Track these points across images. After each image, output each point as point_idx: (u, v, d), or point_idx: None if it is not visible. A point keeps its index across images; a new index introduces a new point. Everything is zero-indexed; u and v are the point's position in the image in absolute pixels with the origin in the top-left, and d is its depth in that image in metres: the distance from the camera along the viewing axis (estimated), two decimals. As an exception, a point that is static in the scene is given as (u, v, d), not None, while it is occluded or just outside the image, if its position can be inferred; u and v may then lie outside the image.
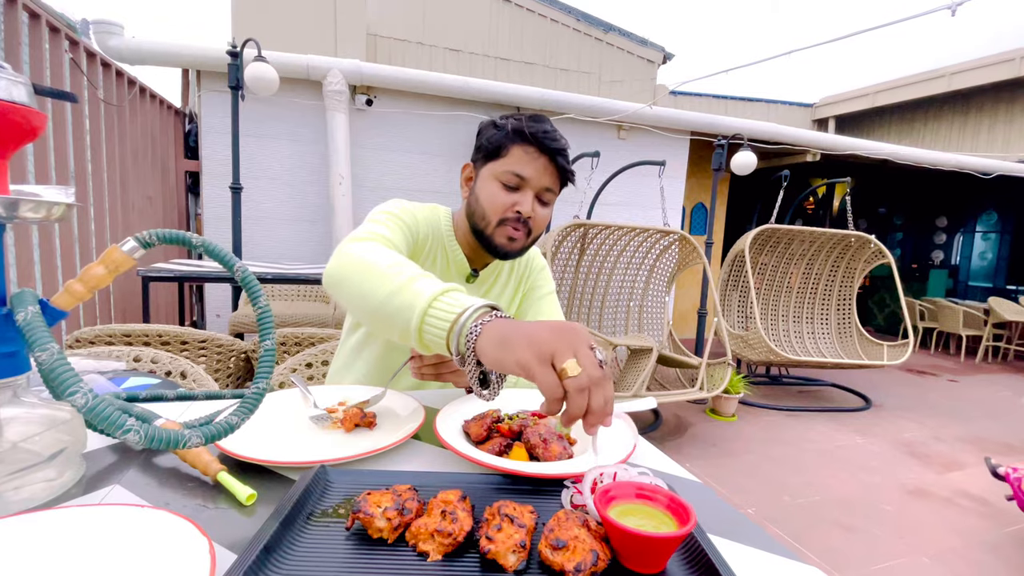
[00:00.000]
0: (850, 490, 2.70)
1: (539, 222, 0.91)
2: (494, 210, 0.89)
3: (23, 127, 0.44)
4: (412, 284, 0.59)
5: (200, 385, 1.31)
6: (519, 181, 0.88)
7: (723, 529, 0.48)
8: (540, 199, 0.90)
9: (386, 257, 0.66)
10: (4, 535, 0.39)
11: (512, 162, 0.88)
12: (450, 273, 0.99)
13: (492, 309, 0.54)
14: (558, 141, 0.88)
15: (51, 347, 0.41)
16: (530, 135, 0.86)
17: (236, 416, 0.49)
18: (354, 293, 0.64)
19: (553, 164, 0.88)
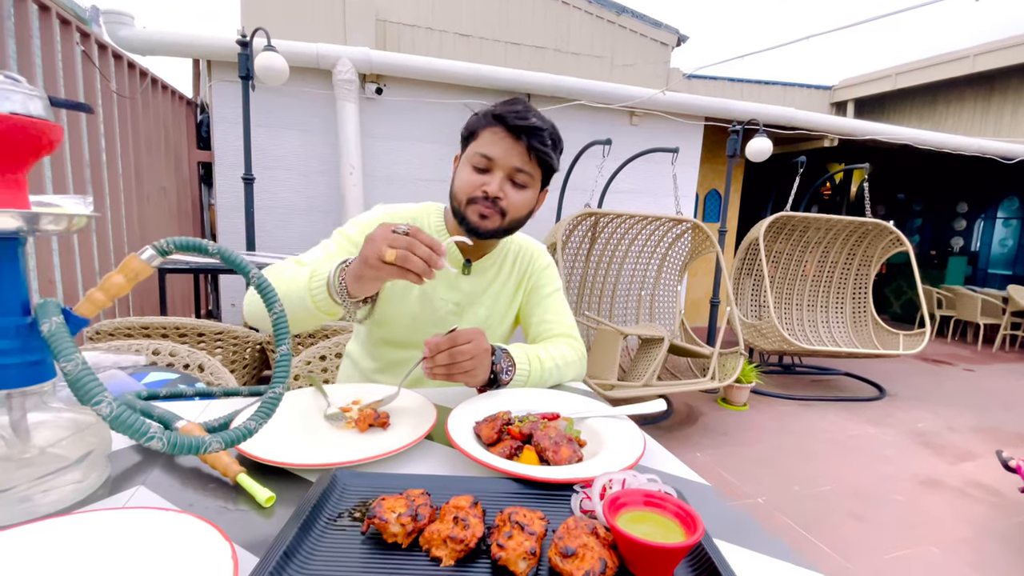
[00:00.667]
0: (861, 480, 2.70)
1: (514, 204, 0.90)
2: (463, 190, 0.90)
3: (41, 141, 0.44)
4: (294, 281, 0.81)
5: (217, 378, 1.34)
6: (487, 162, 0.88)
7: (730, 533, 0.48)
8: (514, 181, 0.90)
9: (281, 272, 0.87)
10: (34, 539, 0.40)
11: (481, 144, 0.89)
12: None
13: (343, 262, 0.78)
14: (527, 120, 0.87)
15: (76, 357, 0.42)
16: (496, 116, 0.87)
17: (254, 421, 0.50)
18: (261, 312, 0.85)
19: (521, 144, 0.87)
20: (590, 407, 0.72)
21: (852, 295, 4.76)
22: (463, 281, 1.00)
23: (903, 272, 7.69)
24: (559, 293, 1.08)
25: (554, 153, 0.91)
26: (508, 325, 1.08)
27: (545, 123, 0.89)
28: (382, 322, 1.00)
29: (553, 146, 0.91)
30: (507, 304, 1.06)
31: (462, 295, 1.01)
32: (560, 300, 1.07)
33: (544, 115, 0.92)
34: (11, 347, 0.45)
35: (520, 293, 1.08)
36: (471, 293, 1.01)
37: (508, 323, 1.08)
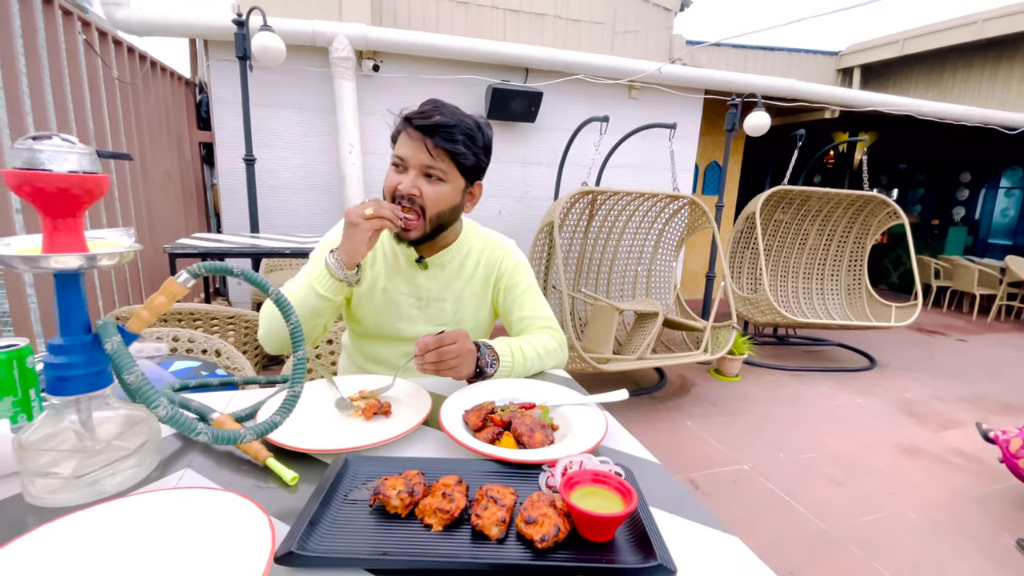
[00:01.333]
0: (844, 447, 2.83)
1: (430, 198, 0.96)
2: (385, 192, 1.00)
3: (94, 192, 0.53)
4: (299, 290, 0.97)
5: (233, 362, 1.46)
6: (401, 162, 0.96)
7: (669, 504, 0.59)
8: (427, 175, 0.96)
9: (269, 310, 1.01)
10: (107, 518, 0.51)
11: (397, 146, 0.97)
12: (399, 264, 1.09)
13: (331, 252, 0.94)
14: (430, 119, 0.93)
15: (135, 371, 0.52)
16: (406, 118, 0.95)
17: (279, 415, 0.61)
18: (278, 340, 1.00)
19: (427, 141, 0.93)
20: (564, 396, 0.83)
21: (848, 266, 4.83)
22: (421, 276, 1.09)
23: (903, 242, 7.71)
24: (533, 287, 1.15)
25: (468, 148, 0.95)
26: (483, 320, 1.16)
27: (454, 119, 0.94)
28: (356, 319, 1.11)
29: (467, 141, 0.95)
30: (475, 302, 1.13)
31: (421, 290, 1.09)
32: (535, 294, 1.15)
33: (460, 112, 0.98)
34: (78, 361, 0.56)
35: (490, 291, 1.14)
36: (431, 289, 1.09)
37: (482, 318, 1.15)
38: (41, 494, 0.55)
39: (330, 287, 0.94)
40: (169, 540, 0.49)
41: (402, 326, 1.09)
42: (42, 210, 0.52)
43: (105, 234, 0.60)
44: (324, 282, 0.94)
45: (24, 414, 0.64)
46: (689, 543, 0.53)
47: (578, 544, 0.50)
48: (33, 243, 0.54)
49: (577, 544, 0.50)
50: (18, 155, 0.50)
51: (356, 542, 0.49)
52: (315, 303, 0.96)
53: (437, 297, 1.10)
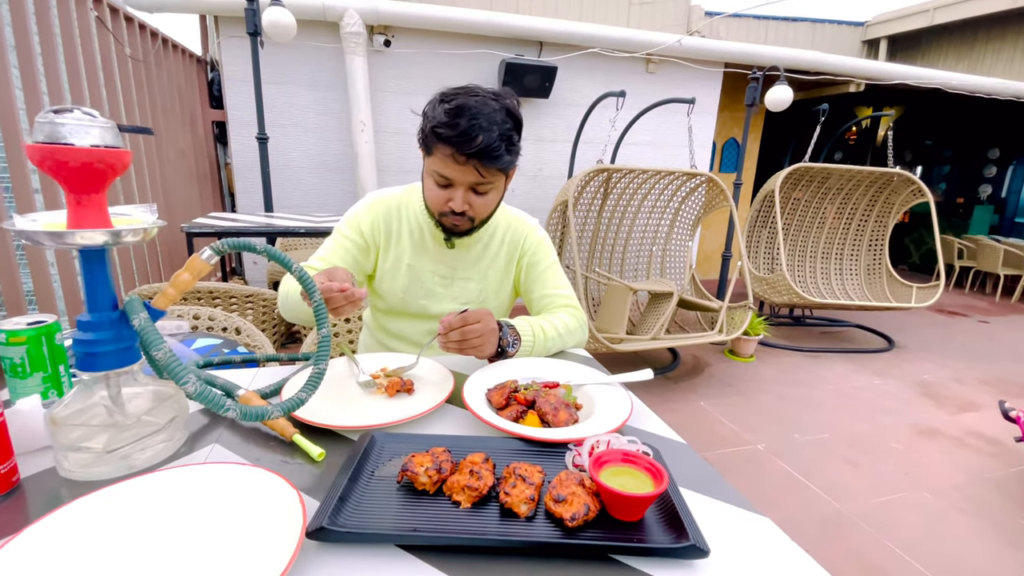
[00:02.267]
0: (860, 429, 2.81)
1: (480, 209, 0.95)
2: (433, 206, 0.97)
3: (116, 167, 0.53)
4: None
5: (253, 340, 1.47)
6: (446, 180, 0.92)
7: (698, 484, 0.58)
8: (475, 190, 0.93)
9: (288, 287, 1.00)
10: (138, 491, 0.52)
11: (437, 163, 0.91)
12: (425, 242, 1.07)
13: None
14: (474, 141, 0.84)
15: (164, 347, 0.52)
16: (445, 139, 0.85)
17: (304, 392, 0.61)
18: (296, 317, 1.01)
19: (472, 163, 0.87)
20: (587, 375, 0.82)
21: (869, 245, 4.72)
22: (448, 255, 1.08)
23: (925, 222, 7.51)
24: (556, 265, 1.14)
25: (510, 153, 0.90)
26: (505, 298, 1.15)
27: (495, 131, 0.85)
28: (379, 295, 1.10)
29: (508, 147, 0.89)
30: (499, 279, 1.12)
31: (448, 268, 1.08)
32: (557, 271, 1.13)
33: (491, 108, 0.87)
34: (106, 337, 0.56)
35: (513, 268, 1.13)
36: (457, 267, 1.09)
37: (504, 296, 1.15)
38: (74, 468, 0.56)
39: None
40: (201, 514, 0.50)
41: (427, 303, 1.08)
42: (65, 185, 0.51)
43: (129, 210, 0.60)
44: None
45: (55, 390, 0.65)
46: (719, 523, 0.52)
47: (608, 523, 0.50)
48: (58, 219, 0.54)
49: (607, 523, 0.50)
50: (40, 129, 0.49)
51: (386, 518, 0.49)
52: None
53: (463, 275, 1.09)
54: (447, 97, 0.89)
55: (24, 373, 0.62)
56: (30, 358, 0.62)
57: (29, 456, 0.59)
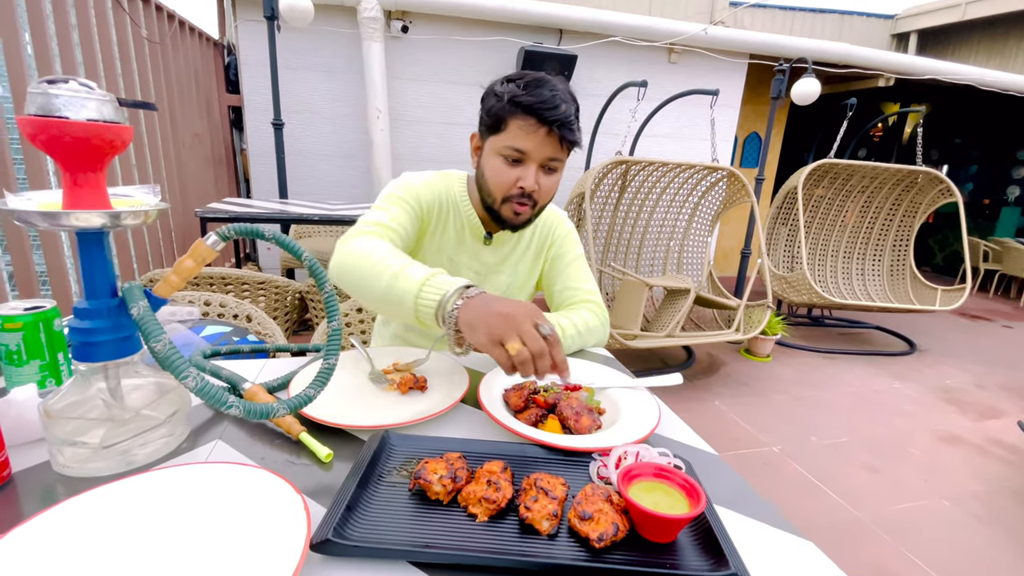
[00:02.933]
0: (879, 433, 2.74)
1: (545, 192, 0.92)
2: (498, 187, 0.90)
3: (115, 143, 0.49)
4: (401, 275, 0.72)
5: (263, 328, 1.45)
6: (520, 155, 0.87)
7: (732, 502, 0.54)
8: (545, 168, 0.90)
9: (376, 251, 0.77)
10: (135, 491, 0.49)
11: (511, 136, 0.86)
12: (465, 237, 1.02)
13: (467, 288, 0.68)
14: (558, 109, 0.83)
15: (163, 338, 0.49)
16: (527, 107, 0.83)
17: (313, 388, 0.57)
18: (358, 289, 0.78)
19: (554, 134, 0.85)
20: (611, 377, 0.78)
21: (892, 246, 4.59)
22: (484, 252, 1.04)
23: (950, 222, 7.31)
24: (581, 259, 1.10)
25: (580, 131, 0.90)
26: (529, 291, 1.12)
27: (569, 101, 0.86)
28: None
29: (578, 124, 0.89)
30: (528, 272, 1.10)
31: (482, 264, 1.04)
32: (582, 266, 1.09)
33: (561, 83, 0.88)
34: (105, 326, 0.52)
35: (541, 260, 1.10)
36: (491, 263, 1.05)
37: (529, 289, 1.12)
38: (69, 463, 0.53)
39: (429, 319, 0.69)
40: (200, 518, 0.46)
41: None
42: (61, 163, 0.48)
43: (130, 191, 0.56)
44: (427, 310, 0.69)
45: (53, 378, 0.62)
46: (757, 547, 0.47)
47: (638, 544, 0.45)
48: (55, 199, 0.51)
49: (637, 544, 0.45)
50: (32, 101, 0.45)
51: (396, 530, 0.46)
52: (398, 307, 0.72)
53: (495, 270, 1.06)
54: (516, 76, 0.88)
55: (20, 361, 0.59)
56: (26, 345, 0.59)
57: (23, 449, 0.57)
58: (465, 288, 0.67)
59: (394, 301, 0.71)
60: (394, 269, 0.73)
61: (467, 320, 0.63)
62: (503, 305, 0.62)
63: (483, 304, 0.64)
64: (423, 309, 0.68)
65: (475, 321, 0.62)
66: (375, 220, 0.90)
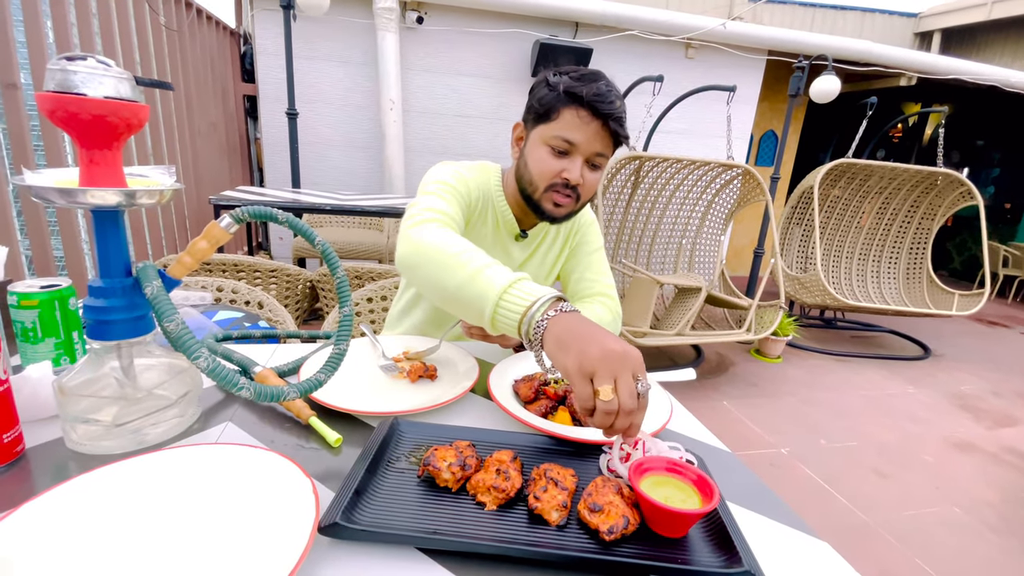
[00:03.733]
0: (891, 438, 2.70)
1: (588, 187, 0.90)
2: (542, 176, 0.88)
3: (131, 121, 0.49)
4: (481, 275, 0.64)
5: (274, 315, 1.46)
6: (568, 146, 0.85)
7: (745, 499, 0.53)
8: (591, 163, 0.88)
9: (452, 244, 0.71)
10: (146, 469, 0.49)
11: (562, 126, 0.85)
12: (500, 233, 1.00)
13: (559, 300, 0.59)
14: (612, 104, 0.83)
15: (176, 318, 0.49)
16: (582, 98, 0.82)
17: (323, 373, 0.57)
18: (428, 282, 0.70)
19: (606, 128, 0.84)
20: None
21: (909, 249, 4.51)
22: (515, 248, 1.03)
23: (969, 226, 7.16)
24: (601, 251, 1.09)
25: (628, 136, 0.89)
26: (550, 282, 1.11)
27: (621, 99, 0.86)
28: None
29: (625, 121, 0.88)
30: (553, 263, 1.09)
31: (512, 260, 1.04)
32: (601, 258, 1.08)
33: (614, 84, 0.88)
34: (119, 304, 0.53)
35: (565, 250, 1.09)
36: (519, 259, 1.04)
37: (551, 280, 1.11)
38: (82, 440, 0.53)
39: (506, 325, 0.61)
40: (210, 499, 0.46)
41: None
42: (77, 139, 0.48)
43: (146, 171, 0.56)
44: (508, 318, 0.60)
45: (67, 356, 0.63)
46: (770, 546, 0.47)
47: (648, 538, 0.45)
48: (70, 176, 0.51)
49: (647, 538, 0.45)
50: (51, 77, 0.45)
51: (404, 516, 0.45)
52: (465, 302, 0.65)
53: (524, 264, 1.06)
54: (569, 69, 0.87)
55: (36, 338, 0.60)
56: (42, 323, 0.60)
57: (37, 425, 0.57)
58: (557, 300, 0.59)
59: (467, 301, 0.64)
60: (473, 266, 0.65)
61: (557, 336, 0.55)
62: (608, 339, 0.53)
63: (581, 325, 0.55)
64: (504, 315, 0.60)
65: (568, 341, 0.54)
66: (437, 208, 0.83)
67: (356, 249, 3.27)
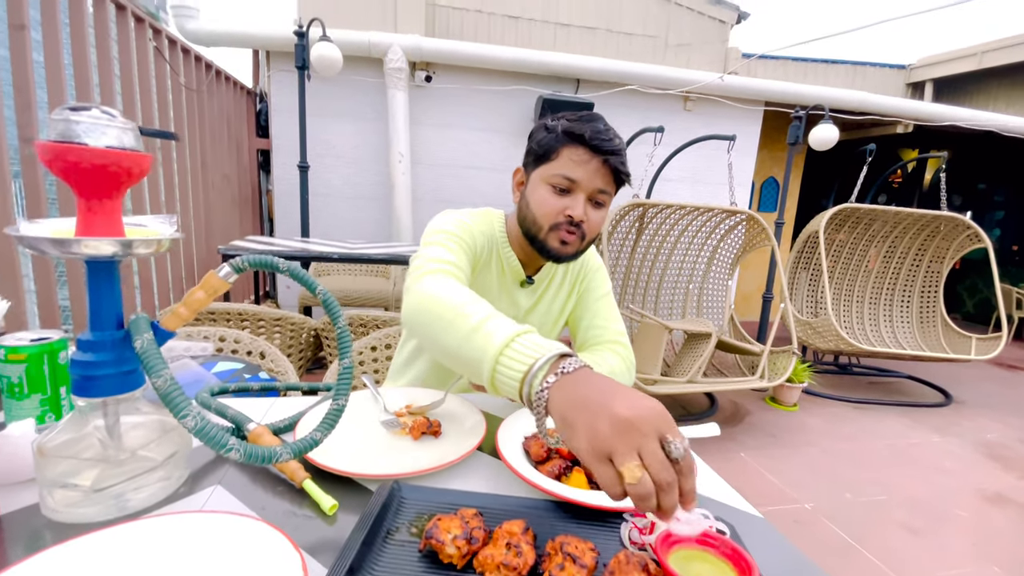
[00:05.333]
0: (920, 491, 2.56)
1: (593, 225, 0.88)
2: (544, 215, 0.87)
3: (133, 171, 0.48)
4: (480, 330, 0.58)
5: (277, 365, 1.42)
6: (569, 184, 0.85)
7: (783, 573, 0.47)
8: (594, 201, 0.87)
9: (454, 296, 0.66)
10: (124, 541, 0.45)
11: (561, 165, 0.85)
12: (505, 280, 0.98)
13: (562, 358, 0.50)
14: (611, 141, 0.84)
15: (165, 374, 0.46)
16: (580, 136, 0.83)
17: (320, 432, 0.53)
18: (429, 340, 0.66)
19: (606, 166, 0.84)
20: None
21: (921, 293, 4.46)
22: (520, 294, 1.00)
23: (979, 268, 7.11)
24: (610, 296, 1.06)
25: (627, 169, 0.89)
26: (559, 329, 1.08)
27: (620, 138, 0.87)
28: None
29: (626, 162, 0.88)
30: (560, 310, 1.06)
31: (517, 308, 1.01)
32: (610, 304, 1.05)
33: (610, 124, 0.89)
34: (108, 359, 0.50)
35: (573, 297, 1.06)
36: (525, 306, 1.02)
37: (558, 329, 1.08)
38: (59, 507, 0.49)
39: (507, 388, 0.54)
40: (191, 572, 0.42)
41: None
42: (76, 189, 0.47)
43: (145, 221, 0.55)
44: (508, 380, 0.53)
45: (53, 413, 0.59)
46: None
47: (680, 624, 0.39)
48: (66, 226, 0.49)
49: (678, 624, 0.39)
50: (54, 127, 0.45)
51: (404, 598, 0.40)
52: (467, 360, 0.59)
53: (530, 311, 1.03)
54: (567, 114, 0.88)
55: (21, 394, 0.57)
56: (28, 377, 0.57)
57: (15, 488, 0.53)
58: (560, 358, 0.50)
59: (468, 360, 0.57)
60: (473, 320, 0.59)
61: (561, 411, 0.46)
62: (618, 402, 0.43)
63: (586, 390, 0.46)
64: (503, 380, 0.53)
65: (574, 417, 0.45)
66: (442, 258, 0.81)
67: (363, 297, 3.26)
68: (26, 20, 1.60)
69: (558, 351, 0.52)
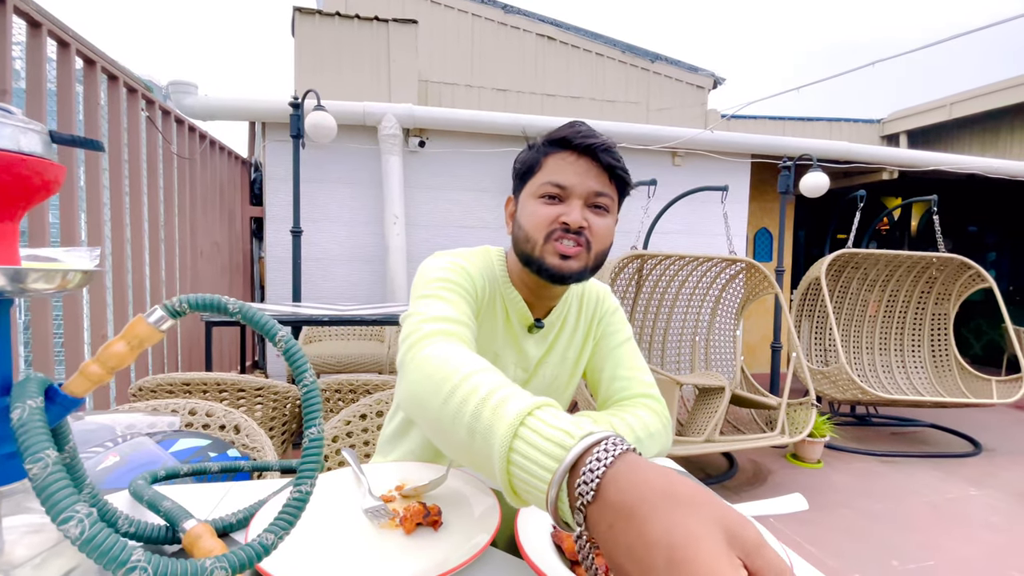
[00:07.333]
0: (970, 552, 2.31)
1: (598, 232, 0.75)
2: (536, 226, 0.75)
3: (34, 182, 0.37)
4: (483, 415, 0.44)
5: (252, 440, 1.25)
6: (560, 191, 0.74)
7: None
8: (593, 206, 0.75)
9: (454, 371, 0.52)
10: None
11: (548, 172, 0.75)
12: (511, 326, 0.85)
13: (592, 449, 0.35)
14: (596, 137, 0.74)
15: (44, 456, 0.32)
16: (562, 139, 0.75)
17: (272, 532, 0.39)
18: (431, 433, 0.52)
19: (596, 163, 0.74)
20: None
21: (930, 336, 4.34)
22: (529, 341, 0.86)
23: (981, 310, 7.05)
24: (631, 342, 0.91)
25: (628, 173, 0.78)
26: (575, 384, 0.93)
27: (610, 139, 0.77)
28: None
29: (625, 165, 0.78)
30: (575, 359, 0.91)
31: (527, 359, 0.87)
32: (634, 350, 0.91)
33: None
34: (-18, 437, 0.36)
35: (589, 343, 0.92)
36: (535, 356, 0.88)
37: (576, 381, 0.93)
38: None
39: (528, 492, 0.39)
40: None
41: None
42: (-51, 205, 0.35)
43: (58, 254, 0.43)
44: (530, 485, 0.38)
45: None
46: None
47: None
48: (-62, 258, 0.37)
49: None
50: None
51: None
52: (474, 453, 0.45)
53: (542, 361, 0.88)
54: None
55: None
56: None
57: None
58: (588, 449, 0.35)
59: (477, 454, 0.44)
60: (476, 400, 0.46)
61: (608, 550, 0.32)
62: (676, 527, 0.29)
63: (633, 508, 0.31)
64: (523, 486, 0.38)
65: (622, 559, 0.31)
66: (439, 315, 0.68)
67: (356, 362, 3.09)
68: (8, 86, 1.57)
69: (602, 434, 0.36)
